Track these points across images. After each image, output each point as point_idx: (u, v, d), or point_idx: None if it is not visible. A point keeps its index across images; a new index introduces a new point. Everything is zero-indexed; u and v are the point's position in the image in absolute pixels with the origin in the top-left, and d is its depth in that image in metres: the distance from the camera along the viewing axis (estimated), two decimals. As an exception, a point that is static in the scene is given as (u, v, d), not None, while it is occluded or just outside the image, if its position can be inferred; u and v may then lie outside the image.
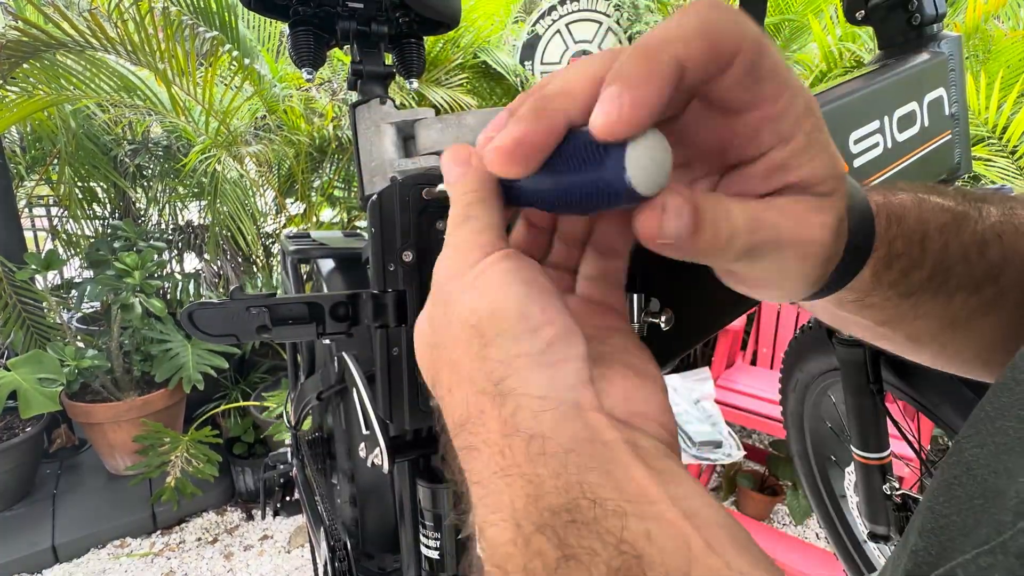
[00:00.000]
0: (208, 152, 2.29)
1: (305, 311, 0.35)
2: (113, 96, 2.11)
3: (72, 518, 2.18)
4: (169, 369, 2.20)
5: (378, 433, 0.46)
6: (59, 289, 2.64)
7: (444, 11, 0.63)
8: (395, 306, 0.36)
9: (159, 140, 2.86)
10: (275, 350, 2.69)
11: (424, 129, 0.57)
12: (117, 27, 1.83)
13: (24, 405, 1.89)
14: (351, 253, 0.74)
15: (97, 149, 2.59)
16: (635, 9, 3.22)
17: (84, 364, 2.12)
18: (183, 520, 2.30)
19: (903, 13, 0.64)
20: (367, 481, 0.69)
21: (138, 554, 2.12)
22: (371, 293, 0.36)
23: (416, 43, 0.66)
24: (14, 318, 2.19)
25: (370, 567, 0.70)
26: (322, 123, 2.45)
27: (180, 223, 3.06)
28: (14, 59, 1.75)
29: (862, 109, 0.56)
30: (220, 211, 2.43)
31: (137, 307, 2.14)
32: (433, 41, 2.73)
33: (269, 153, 2.38)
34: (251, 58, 2.19)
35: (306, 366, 0.82)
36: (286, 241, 0.79)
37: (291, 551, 2.14)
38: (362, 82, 0.61)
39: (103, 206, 2.91)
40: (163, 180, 2.90)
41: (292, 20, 0.60)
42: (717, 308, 0.45)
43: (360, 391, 0.50)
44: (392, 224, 0.36)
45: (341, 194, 3.00)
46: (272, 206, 2.82)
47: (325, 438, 0.78)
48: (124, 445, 2.30)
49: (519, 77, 3.26)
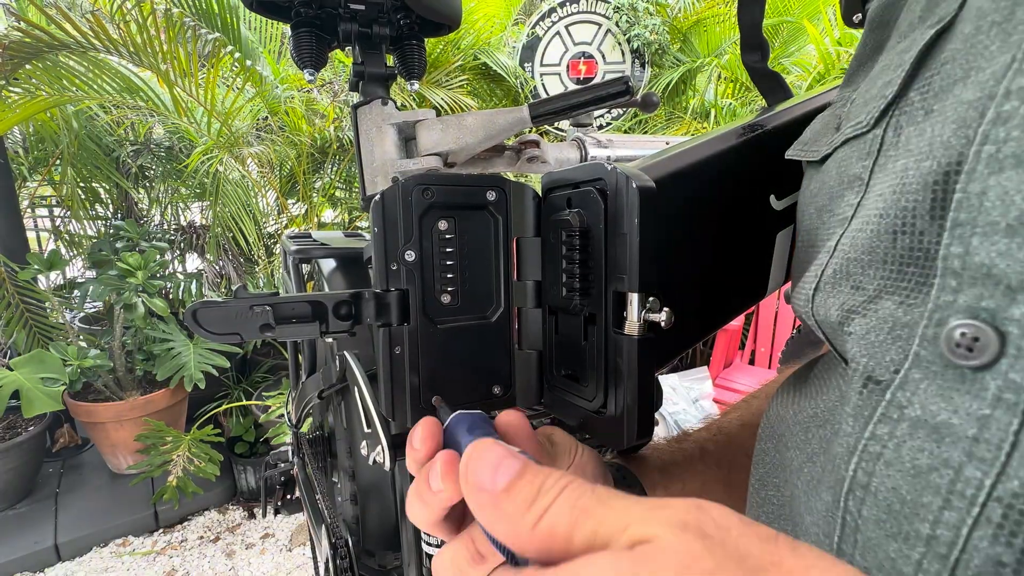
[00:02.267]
0: (210, 153, 2.29)
1: (308, 310, 0.35)
2: (115, 97, 2.12)
3: (74, 517, 2.19)
4: (171, 368, 2.21)
5: (380, 431, 0.47)
6: (62, 289, 2.65)
7: (445, 13, 0.64)
8: (398, 305, 0.37)
9: (161, 141, 2.87)
10: (276, 349, 2.70)
11: (425, 130, 0.57)
12: (120, 28, 1.83)
13: (27, 404, 1.89)
14: (352, 253, 0.74)
15: (99, 150, 2.59)
16: (634, 12, 3.22)
17: (86, 363, 2.13)
18: (185, 519, 2.30)
19: (900, 15, 0.65)
20: (368, 479, 0.69)
21: (140, 552, 2.12)
22: (374, 292, 0.37)
23: (417, 45, 0.67)
24: (17, 318, 2.19)
25: (371, 565, 0.70)
26: (323, 124, 2.46)
27: (182, 223, 3.07)
28: (17, 60, 1.76)
29: (859, 110, 0.56)
30: (222, 212, 2.44)
31: (140, 307, 2.15)
32: (434, 43, 2.73)
33: (271, 154, 2.39)
34: (253, 59, 2.20)
35: (307, 365, 0.82)
36: (287, 241, 0.80)
37: (292, 549, 2.14)
38: (364, 83, 0.62)
39: (105, 206, 2.92)
40: (165, 181, 2.91)
41: (294, 21, 0.60)
42: (716, 307, 0.46)
43: (362, 389, 0.50)
44: (394, 224, 0.36)
45: (342, 195, 3.01)
46: (274, 206, 2.83)
47: (326, 436, 0.79)
48: (126, 444, 2.31)
49: (519, 79, 3.27)
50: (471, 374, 0.40)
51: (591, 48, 3.40)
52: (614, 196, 0.34)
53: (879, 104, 0.26)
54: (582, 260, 0.36)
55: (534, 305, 0.41)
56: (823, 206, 0.31)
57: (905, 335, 0.22)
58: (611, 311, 0.35)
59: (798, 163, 0.39)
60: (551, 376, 0.42)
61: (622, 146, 0.72)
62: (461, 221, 0.38)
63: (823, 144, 0.32)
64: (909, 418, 0.21)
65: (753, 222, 0.46)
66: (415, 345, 0.37)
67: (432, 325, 0.38)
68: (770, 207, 0.47)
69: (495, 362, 0.40)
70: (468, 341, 0.39)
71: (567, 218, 0.36)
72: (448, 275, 0.38)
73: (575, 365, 0.39)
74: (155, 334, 2.27)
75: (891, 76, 0.26)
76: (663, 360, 0.43)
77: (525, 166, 0.66)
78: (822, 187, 0.31)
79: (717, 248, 0.44)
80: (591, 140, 0.69)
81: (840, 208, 0.28)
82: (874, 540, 0.21)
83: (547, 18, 3.37)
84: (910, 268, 0.22)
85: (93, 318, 2.71)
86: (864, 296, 0.24)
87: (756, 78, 0.67)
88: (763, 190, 0.46)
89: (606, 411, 0.36)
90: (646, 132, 3.22)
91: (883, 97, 0.26)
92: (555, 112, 0.56)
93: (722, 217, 0.44)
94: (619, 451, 0.46)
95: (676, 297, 0.38)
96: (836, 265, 0.27)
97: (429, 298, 0.38)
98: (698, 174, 0.42)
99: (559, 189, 0.39)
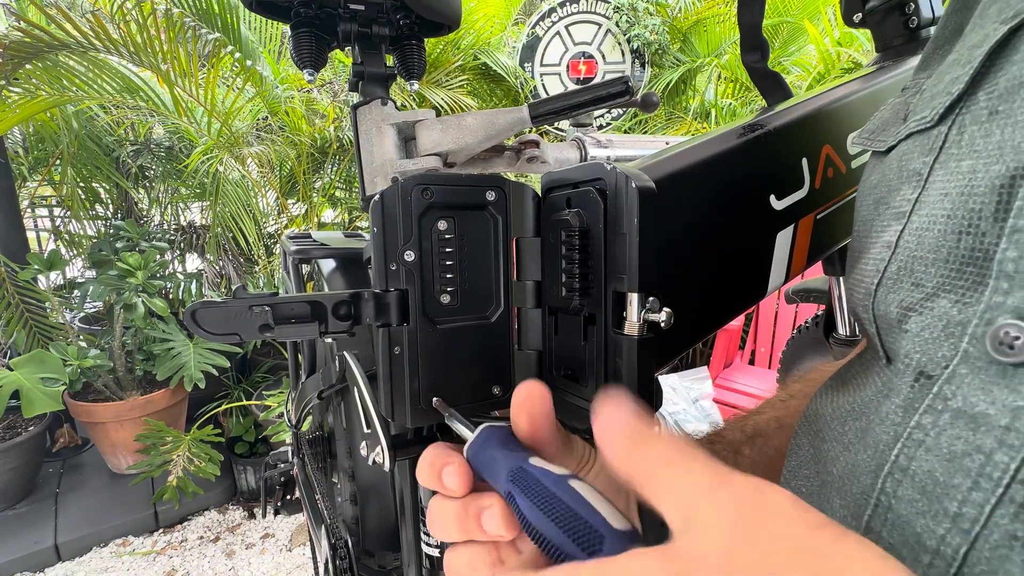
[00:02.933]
0: (210, 153, 2.30)
1: (308, 310, 0.35)
2: (115, 97, 2.12)
3: (74, 517, 2.19)
4: (171, 368, 2.21)
5: (379, 431, 0.47)
6: (62, 289, 2.65)
7: (445, 13, 0.64)
8: (397, 305, 0.37)
9: (161, 141, 2.87)
10: (276, 350, 2.70)
11: (425, 130, 0.57)
12: (120, 28, 1.83)
13: (27, 404, 1.89)
14: (351, 253, 0.74)
15: (99, 150, 2.60)
16: (634, 12, 3.23)
17: (86, 363, 2.13)
18: (185, 519, 2.30)
19: (900, 16, 0.65)
20: (368, 479, 0.69)
21: (140, 552, 2.12)
22: (373, 292, 0.37)
23: (417, 45, 0.67)
24: (17, 318, 2.20)
25: (371, 565, 0.70)
26: (323, 124, 2.46)
27: (182, 223, 3.07)
28: (17, 60, 1.76)
29: (860, 110, 0.56)
30: (222, 212, 2.44)
31: (140, 307, 2.15)
32: (434, 43, 2.74)
33: (271, 154, 2.39)
34: (253, 60, 2.20)
35: (307, 365, 0.82)
36: (287, 241, 0.80)
37: (292, 549, 2.14)
38: (363, 83, 0.62)
39: (105, 206, 2.92)
40: (165, 181, 2.91)
41: (294, 22, 0.60)
42: (716, 307, 0.46)
43: (361, 390, 0.50)
44: (394, 224, 0.36)
45: (342, 195, 3.01)
46: (274, 206, 2.83)
47: (326, 437, 0.79)
48: (126, 444, 2.31)
49: (519, 79, 3.27)
50: (471, 374, 0.40)
51: (591, 48, 3.40)
52: (614, 196, 0.34)
53: (944, 101, 0.26)
54: (582, 260, 0.36)
55: (534, 305, 0.41)
56: (881, 198, 0.31)
57: (957, 333, 0.23)
58: (611, 311, 0.35)
59: (798, 163, 0.39)
60: (551, 376, 0.42)
61: (622, 146, 0.72)
62: (461, 221, 0.38)
63: (889, 135, 0.32)
64: (951, 409, 0.23)
65: (753, 222, 0.46)
66: (415, 345, 0.37)
67: (432, 325, 0.38)
68: (770, 207, 0.47)
69: (495, 362, 0.40)
70: (468, 341, 0.39)
71: (567, 218, 0.36)
72: (448, 275, 0.38)
73: (575, 365, 0.39)
74: (155, 334, 2.27)
75: (959, 72, 0.26)
76: (663, 360, 0.43)
77: (525, 166, 0.66)
78: (882, 179, 0.32)
79: (717, 248, 0.44)
80: (591, 140, 0.69)
81: (896, 202, 0.29)
82: (904, 517, 0.23)
83: (547, 18, 3.37)
84: (969, 268, 0.23)
85: (93, 318, 2.71)
86: (922, 293, 0.25)
87: (756, 78, 0.67)
88: (763, 190, 0.46)
89: (606, 411, 0.36)
90: (646, 132, 3.22)
91: (949, 94, 0.26)
92: (555, 112, 0.56)
93: (722, 217, 0.44)
94: None
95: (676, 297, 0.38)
96: (900, 262, 0.27)
97: (429, 298, 0.38)
98: (698, 174, 0.42)
99: (559, 189, 0.39)
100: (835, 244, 0.55)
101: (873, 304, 0.29)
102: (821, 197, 0.51)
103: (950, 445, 0.22)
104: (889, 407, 0.26)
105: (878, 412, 0.27)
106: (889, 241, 0.29)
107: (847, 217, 0.57)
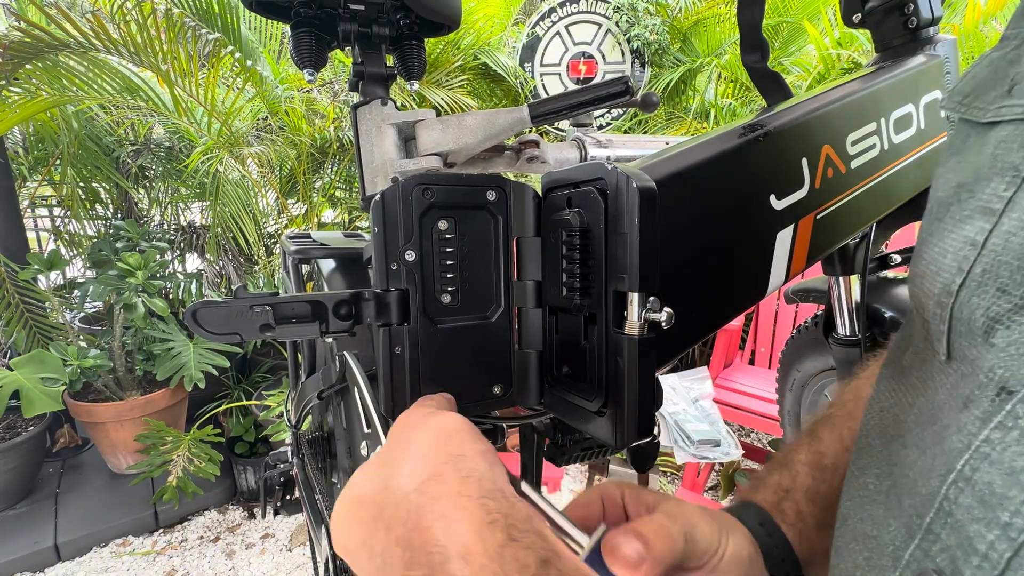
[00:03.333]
0: (210, 153, 2.30)
1: (308, 310, 0.35)
2: (115, 97, 2.12)
3: (74, 517, 2.19)
4: (171, 368, 2.21)
5: (380, 431, 0.47)
6: (62, 289, 2.65)
7: (445, 13, 0.64)
8: (398, 305, 0.37)
9: (161, 141, 2.87)
10: (276, 349, 2.70)
11: (425, 130, 0.57)
12: (120, 28, 1.83)
13: (27, 404, 1.89)
14: (352, 253, 0.74)
15: (99, 150, 2.59)
16: (634, 12, 3.23)
17: (86, 363, 2.13)
18: (185, 519, 2.30)
19: (899, 16, 0.65)
20: (368, 479, 0.69)
21: (140, 552, 2.12)
22: (374, 292, 0.37)
23: (417, 45, 0.67)
24: (17, 318, 2.19)
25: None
26: (323, 124, 2.46)
27: (182, 223, 3.07)
28: (17, 60, 1.76)
29: (859, 110, 0.56)
30: (222, 212, 2.44)
31: (140, 307, 2.15)
32: (434, 43, 2.73)
33: (271, 154, 2.39)
34: (253, 60, 2.20)
35: (307, 365, 0.82)
36: (287, 241, 0.80)
37: (292, 549, 2.14)
38: (363, 83, 0.62)
39: (105, 206, 2.92)
40: (165, 181, 2.91)
41: (294, 21, 0.60)
42: (716, 307, 0.46)
43: (362, 390, 0.50)
44: (394, 224, 0.36)
45: (342, 195, 3.01)
46: (274, 207, 2.83)
47: (325, 437, 0.79)
48: (126, 444, 2.31)
49: (519, 79, 3.27)
50: (471, 374, 0.40)
51: (591, 48, 3.40)
52: (614, 196, 0.34)
53: None
54: (582, 260, 0.36)
55: (534, 305, 0.41)
56: (964, 182, 0.29)
57: None
58: (611, 311, 0.35)
59: (798, 163, 0.39)
60: (551, 376, 0.42)
61: (622, 146, 0.72)
62: (461, 221, 0.38)
63: (989, 104, 0.29)
64: (1020, 427, 0.23)
65: (753, 222, 0.46)
66: (415, 345, 0.37)
67: (432, 325, 0.38)
68: (770, 207, 0.47)
69: (495, 362, 0.40)
70: (468, 341, 0.39)
71: (567, 218, 0.36)
72: (448, 275, 0.38)
73: (575, 365, 0.39)
74: (155, 334, 2.27)
75: None
76: (663, 360, 0.43)
77: (525, 166, 0.66)
78: (969, 161, 0.29)
79: (717, 248, 0.44)
80: (591, 140, 0.69)
81: (984, 194, 0.27)
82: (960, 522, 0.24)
83: (547, 18, 3.37)
84: None
85: (93, 318, 2.71)
86: (1009, 304, 0.25)
87: (756, 78, 0.67)
88: (763, 190, 0.46)
89: (606, 411, 0.36)
90: (646, 132, 3.22)
91: None
92: (555, 112, 0.56)
93: (722, 217, 0.44)
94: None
95: (676, 297, 0.38)
96: (985, 264, 0.26)
97: (429, 298, 0.38)
98: (698, 174, 0.42)
99: (559, 189, 0.39)
100: (835, 244, 0.55)
101: (953, 305, 0.28)
102: (821, 197, 0.51)
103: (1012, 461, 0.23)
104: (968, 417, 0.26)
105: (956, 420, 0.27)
106: (975, 239, 0.27)
107: (847, 217, 0.57)
